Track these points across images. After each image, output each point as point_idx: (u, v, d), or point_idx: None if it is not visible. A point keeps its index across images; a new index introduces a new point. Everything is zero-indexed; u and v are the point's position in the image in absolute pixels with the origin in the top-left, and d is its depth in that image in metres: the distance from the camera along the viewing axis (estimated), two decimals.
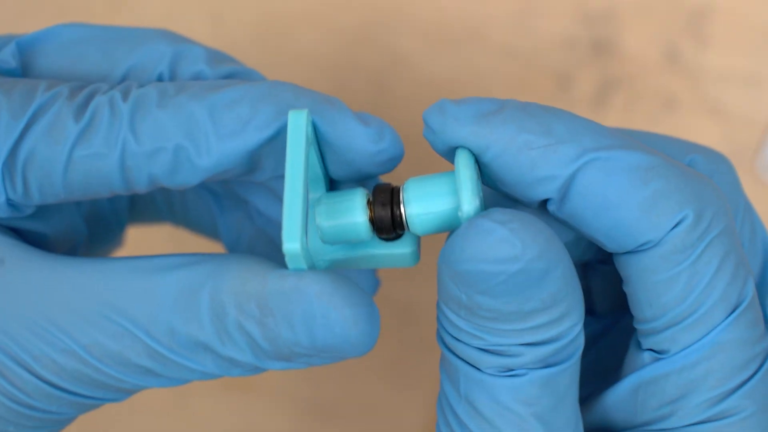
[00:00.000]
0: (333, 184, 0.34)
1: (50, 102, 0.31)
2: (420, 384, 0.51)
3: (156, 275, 0.31)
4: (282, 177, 0.33)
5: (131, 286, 0.31)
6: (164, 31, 0.34)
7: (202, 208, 0.39)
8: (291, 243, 0.29)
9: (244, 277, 0.30)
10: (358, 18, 0.51)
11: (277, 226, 0.37)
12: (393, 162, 0.32)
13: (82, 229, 0.37)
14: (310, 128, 0.30)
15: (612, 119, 0.51)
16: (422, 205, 0.30)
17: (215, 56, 0.34)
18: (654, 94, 0.51)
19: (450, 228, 0.30)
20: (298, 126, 0.30)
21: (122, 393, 0.32)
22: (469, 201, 0.29)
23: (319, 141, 0.32)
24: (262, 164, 0.32)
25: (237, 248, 0.38)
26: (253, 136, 0.31)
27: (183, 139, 0.31)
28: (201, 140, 0.31)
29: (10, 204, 0.32)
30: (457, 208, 0.30)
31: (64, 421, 0.33)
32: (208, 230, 0.40)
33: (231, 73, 0.34)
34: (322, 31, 0.51)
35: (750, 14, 0.51)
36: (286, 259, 0.30)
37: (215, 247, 0.45)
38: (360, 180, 0.33)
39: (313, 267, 0.31)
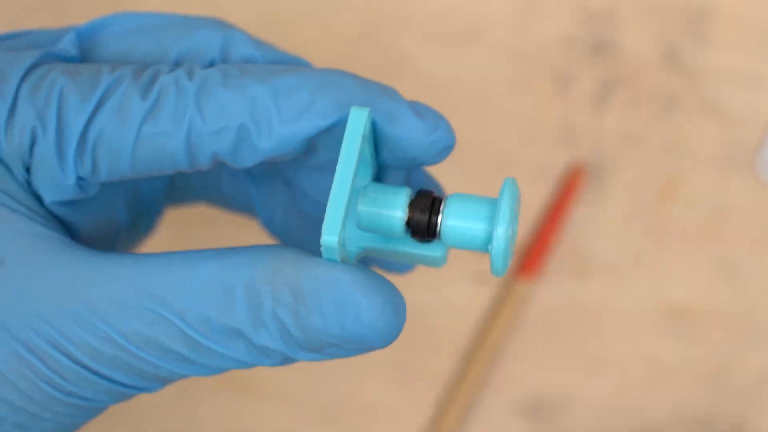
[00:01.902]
0: (381, 172, 0.35)
1: (116, 83, 0.32)
2: (420, 384, 0.51)
3: (192, 265, 0.32)
4: (333, 161, 0.34)
5: (168, 276, 0.31)
6: (212, 19, 0.35)
7: (237, 186, 0.40)
8: (329, 236, 0.30)
9: (279, 266, 0.31)
10: (358, 18, 0.51)
11: (315, 202, 0.38)
12: (447, 151, 0.33)
13: (125, 217, 0.38)
14: (368, 126, 0.32)
15: (612, 119, 0.51)
16: (459, 221, 0.32)
17: (260, 42, 0.35)
18: (654, 94, 0.51)
19: (477, 249, 0.32)
20: (357, 123, 0.31)
21: (157, 381, 0.33)
22: (503, 232, 0.31)
23: (375, 132, 0.33)
24: (317, 149, 0.33)
25: (273, 223, 0.39)
26: (312, 123, 0.32)
27: (247, 120, 0.32)
28: (263, 122, 0.32)
29: (79, 185, 0.33)
30: (489, 234, 0.32)
31: (96, 409, 0.33)
32: (243, 207, 0.41)
33: (279, 57, 0.35)
34: (323, 31, 0.51)
35: (749, 14, 0.51)
36: (322, 249, 0.31)
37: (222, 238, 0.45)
38: (412, 167, 0.34)
39: (346, 259, 0.32)
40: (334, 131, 0.32)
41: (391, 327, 0.31)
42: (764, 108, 0.51)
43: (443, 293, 0.51)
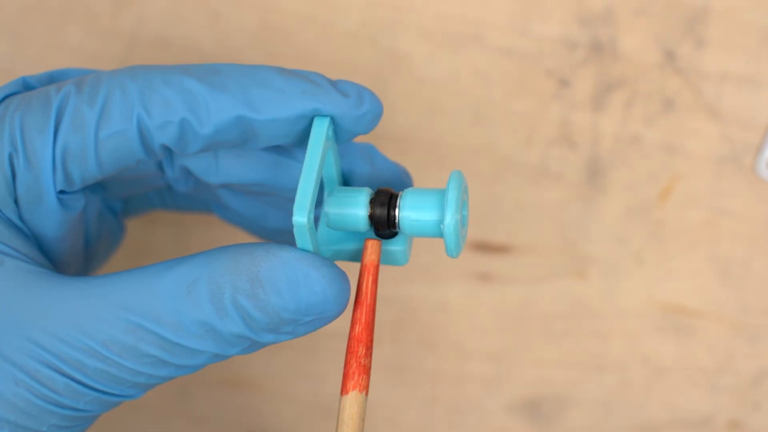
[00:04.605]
0: (347, 179, 0.40)
1: (65, 100, 0.35)
2: (419, 384, 0.52)
3: (158, 274, 0.35)
4: (270, 148, 0.39)
5: (138, 287, 0.35)
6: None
7: (190, 191, 0.43)
8: (299, 216, 0.34)
9: (235, 259, 0.35)
10: (357, 18, 0.51)
11: (237, 214, 0.43)
12: (377, 119, 0.37)
13: (94, 235, 0.42)
14: (330, 130, 0.36)
15: (611, 120, 0.51)
16: (413, 212, 0.36)
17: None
18: (653, 95, 0.51)
19: (432, 235, 0.36)
20: (320, 127, 0.36)
21: (139, 388, 0.36)
22: (450, 217, 0.35)
23: (336, 137, 0.37)
24: (254, 138, 0.36)
25: (231, 217, 0.44)
26: (245, 113, 0.35)
27: (187, 114, 0.35)
28: (202, 115, 0.35)
29: (60, 200, 0.36)
30: (440, 220, 0.36)
31: (89, 418, 0.36)
32: (199, 208, 0.45)
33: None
34: (322, 31, 0.51)
35: (747, 16, 0.51)
36: (294, 229, 0.34)
37: None
38: (351, 138, 0.38)
39: (317, 246, 0.35)
40: (269, 121, 0.36)
41: (341, 291, 0.34)
42: (762, 108, 0.51)
43: (442, 292, 0.51)
